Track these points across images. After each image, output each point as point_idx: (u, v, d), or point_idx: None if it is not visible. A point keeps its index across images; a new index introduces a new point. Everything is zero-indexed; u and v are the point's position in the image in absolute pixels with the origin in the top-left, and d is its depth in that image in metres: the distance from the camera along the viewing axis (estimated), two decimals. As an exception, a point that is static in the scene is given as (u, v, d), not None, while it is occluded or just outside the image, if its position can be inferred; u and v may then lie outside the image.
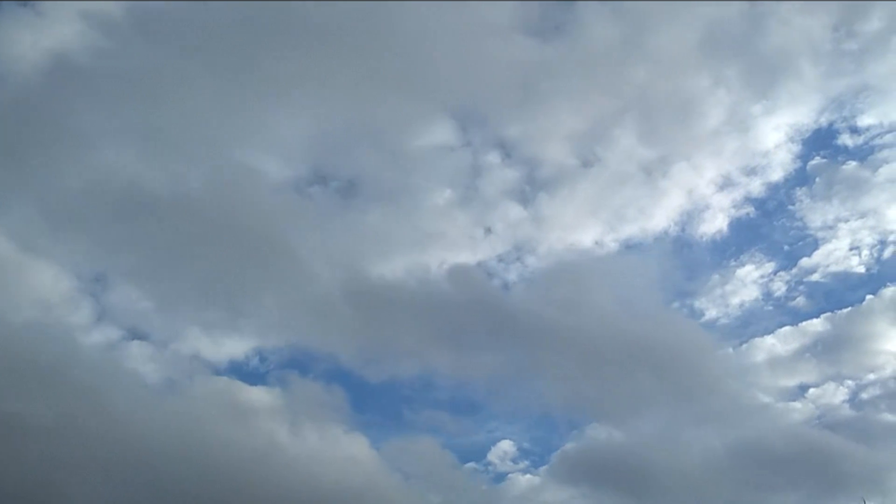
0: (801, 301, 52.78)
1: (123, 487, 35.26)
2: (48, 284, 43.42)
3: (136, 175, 46.52)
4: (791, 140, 55.11)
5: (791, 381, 49.31)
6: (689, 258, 56.33)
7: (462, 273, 50.96)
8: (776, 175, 55.26)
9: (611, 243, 55.00)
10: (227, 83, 49.60)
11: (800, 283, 53.10)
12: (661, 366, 48.28)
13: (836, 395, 48.60)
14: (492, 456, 48.34)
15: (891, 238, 52.43)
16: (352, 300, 48.47)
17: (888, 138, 53.42)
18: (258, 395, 43.70)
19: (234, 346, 47.45)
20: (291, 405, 43.76)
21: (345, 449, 42.55)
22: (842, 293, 52.71)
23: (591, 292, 51.92)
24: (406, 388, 49.32)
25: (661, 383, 47.91)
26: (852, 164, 54.15)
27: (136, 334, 45.84)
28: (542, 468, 47.83)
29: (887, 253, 52.20)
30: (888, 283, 51.28)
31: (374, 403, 49.24)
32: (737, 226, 55.70)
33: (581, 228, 55.31)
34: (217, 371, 46.06)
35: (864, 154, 53.98)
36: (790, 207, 55.31)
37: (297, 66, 51.66)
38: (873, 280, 52.26)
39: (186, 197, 46.40)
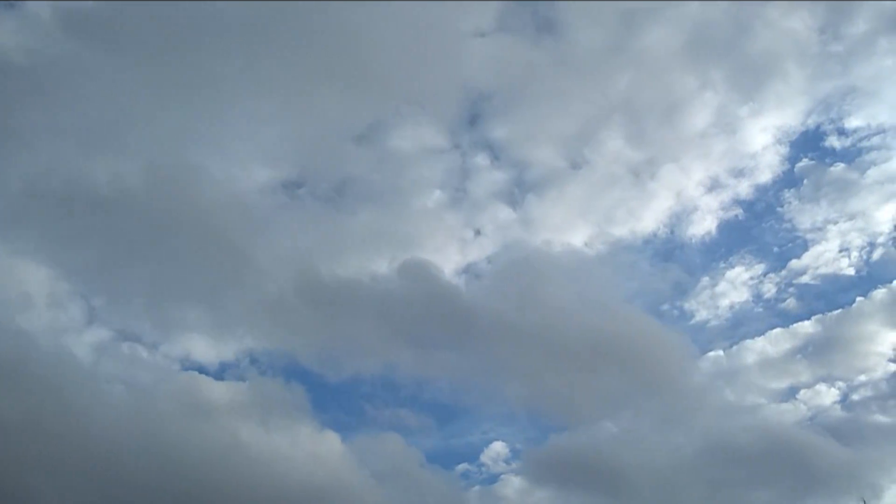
0: (791, 303, 52.72)
1: (87, 485, 34.70)
2: None
3: (77, 173, 46.33)
4: (778, 142, 55.25)
5: (782, 383, 49.12)
6: (679, 260, 56.42)
7: (416, 269, 50.66)
8: (764, 177, 55.34)
9: (600, 245, 54.97)
10: (168, 82, 49.45)
11: (790, 284, 53.02)
12: (633, 366, 48.28)
13: (827, 396, 48.45)
14: (460, 454, 48.62)
15: (879, 240, 52.48)
16: (310, 299, 48.27)
17: (875, 140, 53.57)
18: (221, 393, 43.32)
19: (191, 345, 47.26)
20: (255, 403, 43.50)
21: (309, 446, 42.51)
22: (832, 295, 52.61)
23: (558, 290, 51.48)
24: (369, 385, 49.24)
25: (632, 383, 47.90)
26: (840, 166, 54.29)
27: (91, 332, 45.69)
28: (514, 466, 47.65)
29: (876, 255, 52.19)
30: (878, 285, 51.28)
31: (338, 401, 48.98)
32: (726, 227, 55.75)
33: (570, 230, 55.32)
34: (177, 369, 45.73)
35: (851, 156, 54.17)
36: (779, 209, 55.34)
37: (260, 67, 51.90)
38: (863, 282, 52.27)
39: (128, 195, 46.02)
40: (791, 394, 48.69)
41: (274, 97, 52.74)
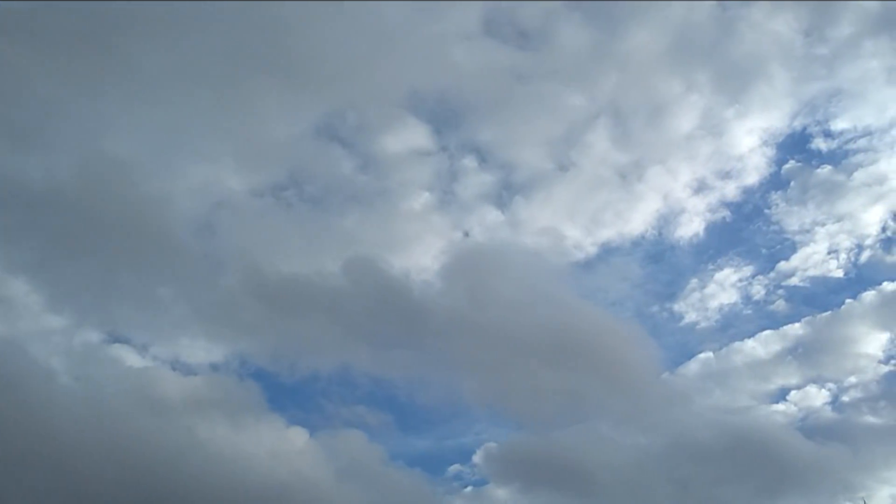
0: (780, 304, 52.50)
1: (43, 484, 34.08)
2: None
3: (8, 170, 45.39)
4: (765, 144, 55.20)
5: (772, 385, 49.00)
6: (667, 262, 56.20)
7: (364, 266, 50.03)
8: (751, 179, 55.20)
9: (589, 247, 54.59)
10: (94, 76, 48.32)
11: (778, 286, 52.80)
12: (596, 364, 48.18)
13: (817, 398, 48.33)
14: (423, 452, 48.21)
15: (867, 242, 52.38)
16: (262, 298, 47.50)
17: (862, 143, 53.57)
18: (179, 390, 42.70)
19: (146, 342, 46.54)
20: (212, 400, 42.88)
21: (269, 444, 41.98)
22: (821, 297, 52.51)
23: (515, 288, 51.11)
24: (328, 383, 48.52)
25: (595, 382, 47.76)
26: (827, 168, 54.21)
27: (39, 329, 44.67)
28: (477, 464, 47.33)
29: (864, 257, 52.09)
30: (867, 288, 51.15)
31: (296, 399, 48.32)
32: (713, 229, 55.48)
33: (558, 233, 54.69)
34: (129, 367, 44.65)
35: (838, 158, 54.11)
36: (766, 211, 55.19)
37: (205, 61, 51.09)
38: (852, 284, 52.10)
39: (61, 191, 45.12)
40: (781, 395, 48.67)
41: (217, 92, 52.01)
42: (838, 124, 54.00)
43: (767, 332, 50.76)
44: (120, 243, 45.73)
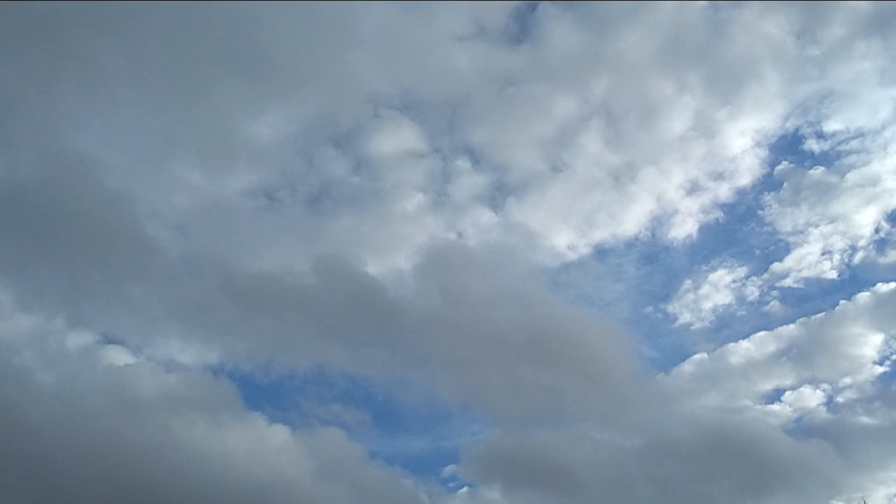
0: (774, 305, 52.21)
1: (17, 483, 33.54)
2: None
3: None
4: (758, 145, 55.02)
5: (767, 385, 48.72)
6: (661, 263, 55.96)
7: (336, 266, 49.52)
8: (744, 180, 54.97)
9: (583, 248, 54.48)
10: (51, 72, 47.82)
11: (772, 287, 52.54)
12: (576, 363, 47.89)
13: (812, 398, 48.05)
14: (403, 451, 47.85)
15: (860, 243, 52.21)
16: (236, 297, 47.16)
17: (854, 144, 53.44)
18: (153, 389, 42.30)
19: (119, 339, 46.10)
20: (186, 399, 42.34)
21: (246, 443, 41.69)
22: (815, 298, 52.23)
23: (493, 286, 51.07)
24: (304, 382, 48.22)
25: (576, 380, 47.56)
26: (820, 169, 54.05)
27: (9, 327, 44.18)
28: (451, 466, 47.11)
29: (858, 258, 51.95)
30: (861, 289, 50.97)
31: (273, 398, 47.90)
32: (707, 231, 55.25)
33: (552, 234, 54.75)
34: (106, 365, 44.16)
35: (831, 159, 53.98)
36: (759, 212, 54.98)
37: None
38: (846, 285, 51.95)
39: (22, 187, 44.59)
40: (776, 396, 48.44)
41: (190, 92, 51.86)
42: (831, 125, 54.02)
43: (761, 333, 50.68)
44: (87, 241, 45.27)
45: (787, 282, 52.10)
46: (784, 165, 54.73)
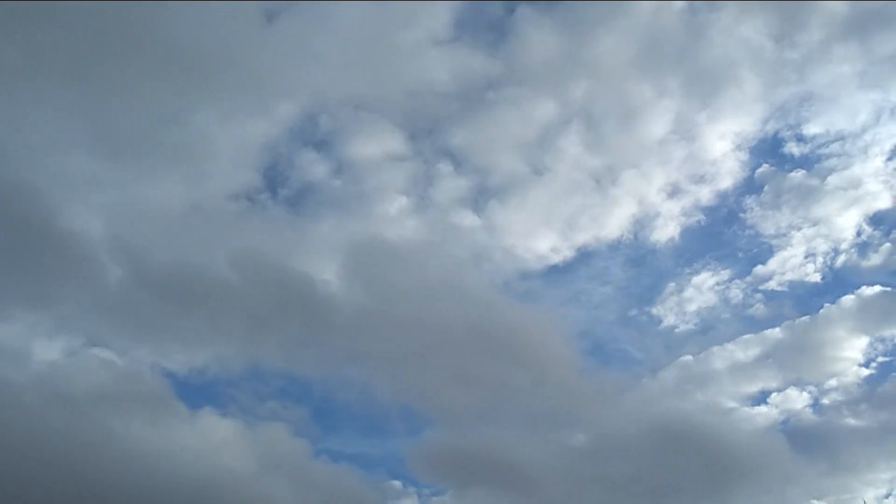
0: (758, 308, 51.72)
1: None
2: None
3: None
4: (738, 148, 54.73)
5: (752, 387, 48.31)
6: (644, 266, 55.55)
7: (255, 262, 48.47)
8: (725, 183, 54.63)
9: (567, 251, 53.91)
10: None
11: (756, 290, 52.10)
12: (519, 360, 47.71)
13: (798, 400, 47.79)
14: (344, 447, 47.45)
15: (843, 246, 51.98)
16: (161, 294, 46.24)
17: (834, 147, 53.35)
18: (84, 387, 41.20)
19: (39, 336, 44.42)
20: (121, 396, 41.42)
21: (184, 439, 40.98)
22: (799, 301, 51.80)
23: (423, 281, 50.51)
24: (239, 379, 47.12)
25: (520, 377, 47.42)
26: (800, 172, 53.84)
27: None
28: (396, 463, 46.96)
29: (840, 261, 51.75)
30: (845, 292, 50.70)
31: (209, 394, 46.64)
32: (689, 233, 54.88)
33: (535, 236, 54.30)
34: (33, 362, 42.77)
35: (811, 162, 53.80)
36: (741, 215, 54.66)
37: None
38: (829, 288, 51.75)
39: None
40: (762, 398, 48.06)
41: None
42: (810, 129, 53.83)
43: (746, 335, 50.22)
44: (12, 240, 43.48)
45: (771, 284, 51.87)
46: (764, 168, 54.68)
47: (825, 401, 47.43)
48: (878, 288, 49.57)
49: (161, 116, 50.34)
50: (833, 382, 47.77)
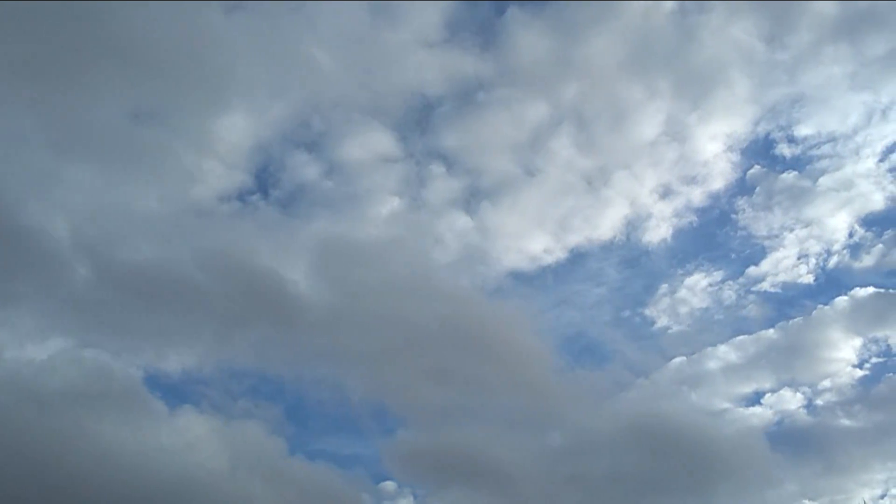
0: (752, 309, 51.56)
1: None
2: None
3: None
4: (729, 149, 54.63)
5: (746, 388, 48.12)
6: (637, 267, 55.38)
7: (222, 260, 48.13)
8: (717, 184, 54.51)
9: (560, 252, 53.76)
10: None
11: (749, 291, 51.92)
12: (493, 360, 47.69)
13: (792, 401, 47.53)
14: (320, 445, 47.62)
15: (835, 247, 51.84)
16: (127, 292, 45.65)
17: (826, 148, 53.30)
18: (54, 385, 40.58)
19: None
20: (92, 394, 40.81)
21: (157, 438, 40.44)
22: (792, 302, 51.73)
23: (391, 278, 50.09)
24: (211, 377, 46.72)
25: (494, 377, 47.23)
26: (792, 173, 53.75)
27: None
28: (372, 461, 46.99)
29: (832, 262, 51.61)
30: (838, 293, 50.68)
31: (182, 392, 46.14)
32: (681, 235, 54.72)
33: (528, 237, 54.16)
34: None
35: (802, 164, 53.74)
36: (733, 216, 54.54)
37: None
38: (822, 289, 51.55)
39: None
40: (756, 399, 47.82)
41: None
42: (802, 130, 53.76)
43: (739, 336, 50.07)
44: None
45: (764, 286, 51.69)
46: (756, 170, 54.52)
47: (819, 401, 47.32)
48: (871, 289, 49.53)
49: (137, 115, 50.45)
50: (827, 383, 47.66)
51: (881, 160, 51.68)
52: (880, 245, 50.48)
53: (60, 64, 46.39)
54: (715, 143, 54.47)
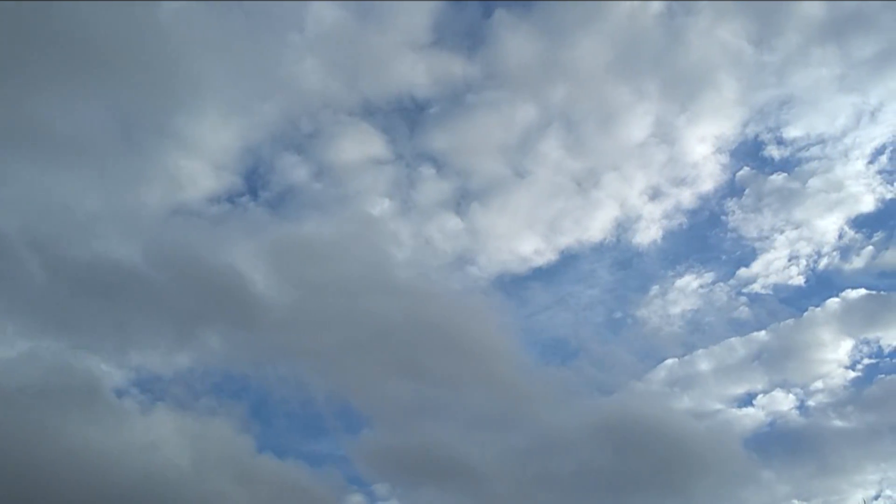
0: (743, 311, 51.23)
1: None
2: None
3: None
4: (718, 151, 54.46)
5: (738, 389, 47.84)
6: (628, 269, 55.12)
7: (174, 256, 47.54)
8: (706, 186, 54.27)
9: (550, 254, 53.57)
10: None
11: (740, 293, 51.66)
12: (460, 358, 47.44)
13: (784, 402, 47.23)
14: (289, 443, 47.09)
15: (825, 249, 51.64)
16: (81, 288, 45.09)
17: (815, 150, 53.20)
18: (12, 383, 39.65)
19: None
20: (53, 391, 40.00)
21: (121, 436, 40.08)
22: (783, 303, 51.27)
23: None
24: (175, 375, 46.03)
25: (461, 377, 47.07)
26: (781, 175, 53.61)
27: None
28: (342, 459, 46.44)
29: (823, 264, 51.40)
30: (829, 295, 50.28)
31: (145, 389, 45.36)
32: (671, 236, 54.50)
33: (518, 239, 53.96)
34: None
35: (791, 165, 53.61)
36: (723, 218, 54.30)
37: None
38: (813, 290, 51.31)
39: None
40: (748, 400, 47.55)
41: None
42: (791, 132, 53.61)
43: (731, 338, 49.78)
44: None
45: (755, 287, 51.43)
46: (745, 171, 54.34)
47: (811, 403, 47.06)
48: (862, 291, 49.31)
49: (118, 116, 49.86)
50: (819, 384, 47.37)
51: (870, 162, 51.77)
52: (870, 247, 50.43)
53: (36, 64, 46.00)
54: (704, 145, 54.51)
